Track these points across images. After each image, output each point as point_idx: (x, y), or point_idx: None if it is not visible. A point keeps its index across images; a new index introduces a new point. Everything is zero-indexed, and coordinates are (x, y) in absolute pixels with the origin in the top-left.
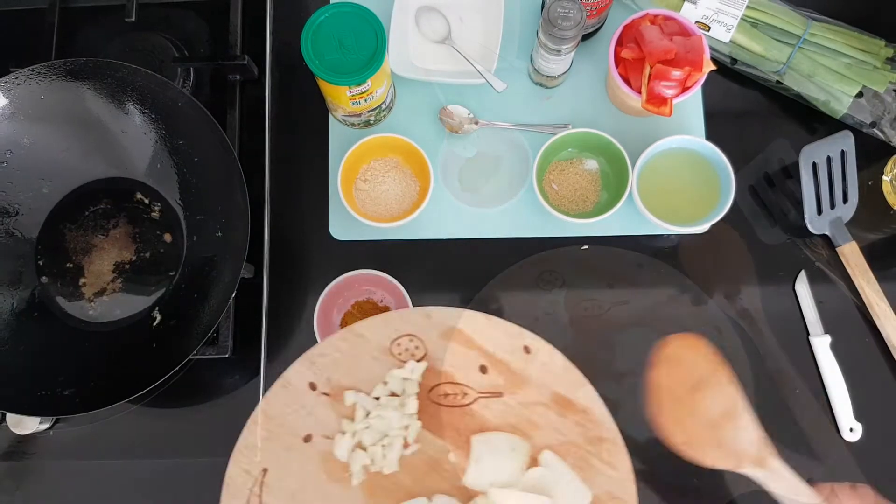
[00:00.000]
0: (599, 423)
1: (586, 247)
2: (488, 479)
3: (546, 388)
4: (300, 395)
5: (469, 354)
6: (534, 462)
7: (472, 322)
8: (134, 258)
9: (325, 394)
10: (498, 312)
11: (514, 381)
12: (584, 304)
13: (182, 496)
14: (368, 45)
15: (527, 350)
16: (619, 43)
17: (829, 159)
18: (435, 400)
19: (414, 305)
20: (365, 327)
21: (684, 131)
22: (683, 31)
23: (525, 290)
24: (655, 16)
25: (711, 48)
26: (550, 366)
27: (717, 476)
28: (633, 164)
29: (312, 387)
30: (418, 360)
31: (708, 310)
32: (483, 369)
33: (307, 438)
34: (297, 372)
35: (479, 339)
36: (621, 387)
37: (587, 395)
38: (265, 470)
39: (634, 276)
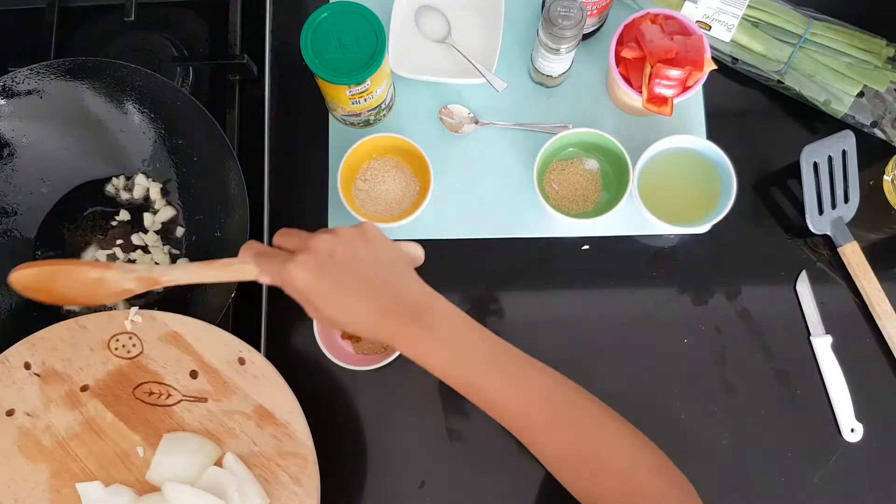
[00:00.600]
0: (296, 440)
1: (586, 247)
2: (168, 475)
3: (251, 399)
4: (13, 371)
5: (183, 358)
6: (218, 464)
7: (194, 329)
8: (133, 258)
9: (37, 374)
10: (498, 312)
11: (221, 389)
12: (583, 303)
13: None
14: (368, 45)
15: (241, 362)
16: (620, 42)
17: (830, 159)
18: (139, 396)
19: None
20: (89, 320)
21: (685, 131)
22: (684, 31)
23: (525, 290)
24: (656, 15)
25: (712, 47)
26: (261, 379)
27: None
28: (634, 164)
29: (27, 366)
30: (131, 358)
31: (708, 310)
32: (194, 374)
33: (10, 413)
34: (18, 351)
35: (197, 346)
36: (622, 385)
37: (290, 412)
38: None
39: (634, 277)
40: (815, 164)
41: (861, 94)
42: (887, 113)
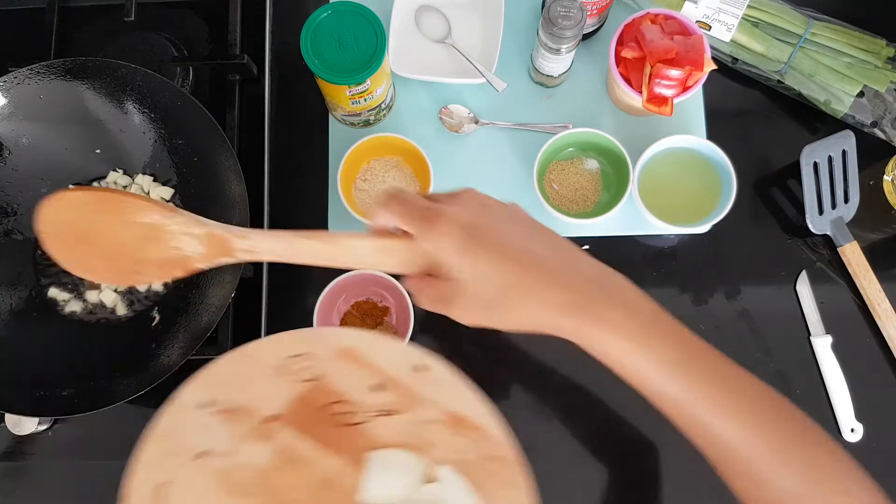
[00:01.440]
0: (495, 442)
1: (586, 247)
2: (384, 495)
3: (440, 406)
4: (191, 412)
5: (362, 373)
6: (431, 479)
7: (366, 341)
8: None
9: (219, 413)
10: None
11: (407, 399)
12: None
13: None
14: (368, 45)
15: (421, 368)
16: (620, 42)
17: (830, 159)
18: (327, 419)
19: (413, 305)
20: (255, 348)
21: (685, 131)
22: (684, 31)
23: None
24: (656, 15)
25: (712, 47)
26: (446, 384)
27: None
28: (634, 164)
29: (205, 405)
30: (309, 381)
31: (708, 310)
32: (377, 388)
33: (201, 456)
34: (189, 392)
35: (373, 357)
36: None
37: (482, 413)
38: (163, 484)
39: (635, 277)
40: (815, 164)
41: (861, 94)
42: (887, 113)
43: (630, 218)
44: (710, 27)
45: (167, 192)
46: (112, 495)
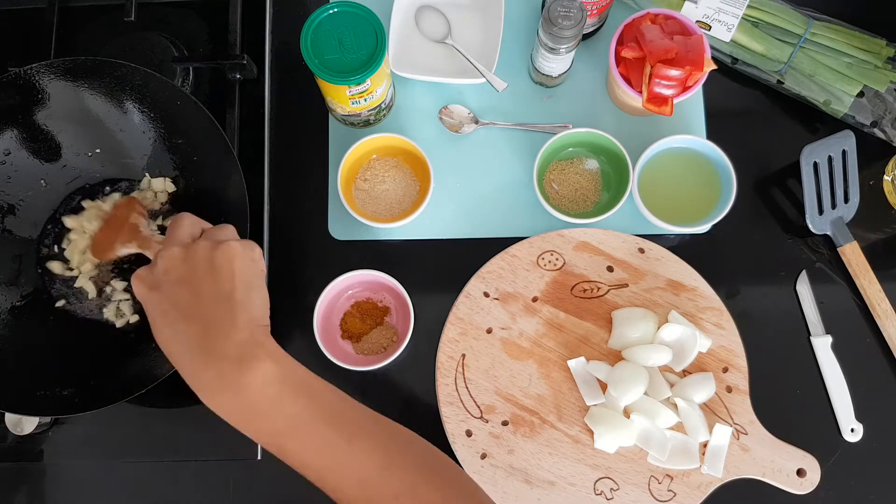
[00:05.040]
0: (707, 297)
1: None
2: (627, 340)
3: (661, 276)
4: (478, 301)
5: (597, 259)
6: (660, 324)
7: (595, 235)
8: (133, 257)
9: (496, 299)
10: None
11: (635, 274)
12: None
13: (182, 496)
14: (368, 45)
15: (641, 251)
16: (620, 42)
17: (830, 159)
18: (576, 294)
19: (413, 305)
20: (516, 249)
21: (685, 131)
22: (684, 31)
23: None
24: (656, 15)
25: (712, 47)
26: (662, 260)
27: None
28: (634, 164)
29: (486, 295)
30: (558, 269)
31: None
32: (610, 269)
33: (489, 331)
34: (474, 286)
35: (603, 247)
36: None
37: (695, 279)
38: (463, 355)
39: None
40: (815, 164)
41: (861, 94)
42: (887, 113)
43: (630, 218)
44: (710, 27)
45: (170, 186)
46: (112, 495)
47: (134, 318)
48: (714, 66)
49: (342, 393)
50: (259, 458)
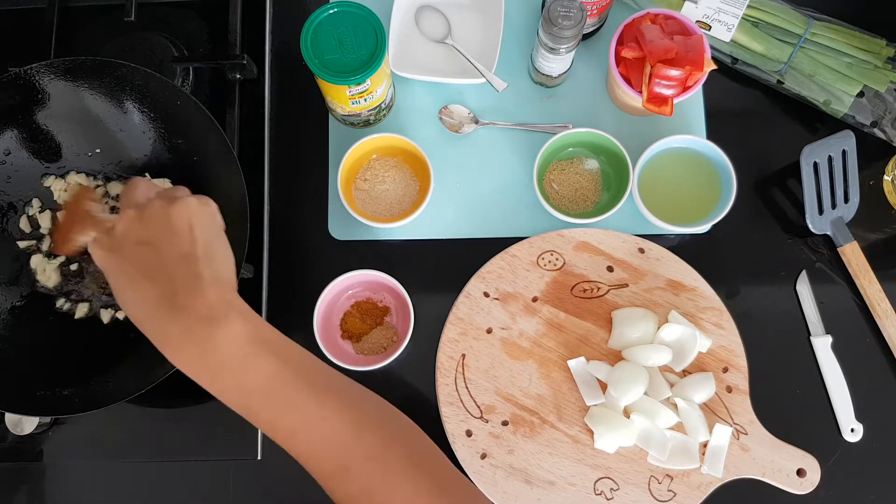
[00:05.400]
0: (707, 297)
1: None
2: (627, 340)
3: (661, 276)
4: (478, 301)
5: (597, 259)
6: (660, 324)
7: (595, 235)
8: None
9: (496, 299)
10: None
11: (635, 274)
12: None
13: (182, 496)
14: (368, 45)
15: (641, 251)
16: (620, 42)
17: (830, 159)
18: (576, 294)
19: (414, 305)
20: (516, 249)
21: (685, 131)
22: (684, 31)
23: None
24: (656, 15)
25: (712, 47)
26: (662, 260)
27: None
28: (634, 164)
29: (486, 295)
30: (558, 269)
31: None
32: (610, 269)
33: (489, 331)
34: (474, 286)
35: (603, 247)
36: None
37: (695, 279)
38: (463, 355)
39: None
40: (815, 164)
41: (861, 94)
42: (887, 113)
43: (630, 218)
44: (710, 27)
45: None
46: (112, 495)
47: (121, 314)
48: (714, 66)
49: (313, 356)
50: (259, 458)
